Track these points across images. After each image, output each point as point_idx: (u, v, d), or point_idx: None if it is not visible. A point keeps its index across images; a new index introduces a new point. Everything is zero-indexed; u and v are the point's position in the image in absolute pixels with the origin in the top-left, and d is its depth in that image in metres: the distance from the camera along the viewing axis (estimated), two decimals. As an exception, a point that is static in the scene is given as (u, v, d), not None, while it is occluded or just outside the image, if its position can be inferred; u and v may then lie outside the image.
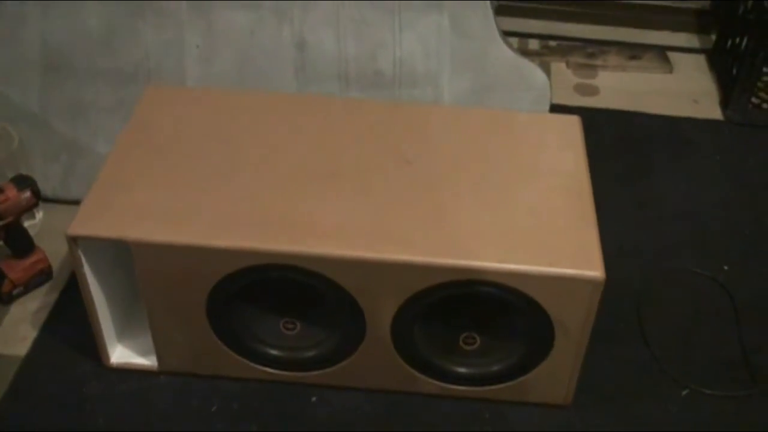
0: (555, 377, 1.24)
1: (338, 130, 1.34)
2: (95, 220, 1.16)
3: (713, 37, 2.15)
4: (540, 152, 1.31)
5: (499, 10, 1.61)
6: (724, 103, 1.94)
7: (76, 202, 1.21)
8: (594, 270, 1.11)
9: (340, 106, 1.41)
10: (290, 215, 1.17)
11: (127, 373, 1.30)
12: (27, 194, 1.35)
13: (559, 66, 2.07)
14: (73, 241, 1.15)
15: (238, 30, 1.57)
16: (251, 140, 1.30)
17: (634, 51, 2.12)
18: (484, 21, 1.58)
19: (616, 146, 1.82)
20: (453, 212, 1.19)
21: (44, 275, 1.44)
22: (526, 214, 1.20)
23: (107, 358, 1.30)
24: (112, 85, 1.57)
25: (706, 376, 1.34)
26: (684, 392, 1.32)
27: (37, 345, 1.35)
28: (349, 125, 1.35)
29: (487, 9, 1.57)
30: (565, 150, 1.31)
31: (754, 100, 1.91)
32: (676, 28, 2.21)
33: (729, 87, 1.94)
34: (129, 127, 1.32)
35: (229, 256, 1.14)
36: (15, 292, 1.41)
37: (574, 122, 1.37)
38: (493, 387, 1.26)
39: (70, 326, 1.36)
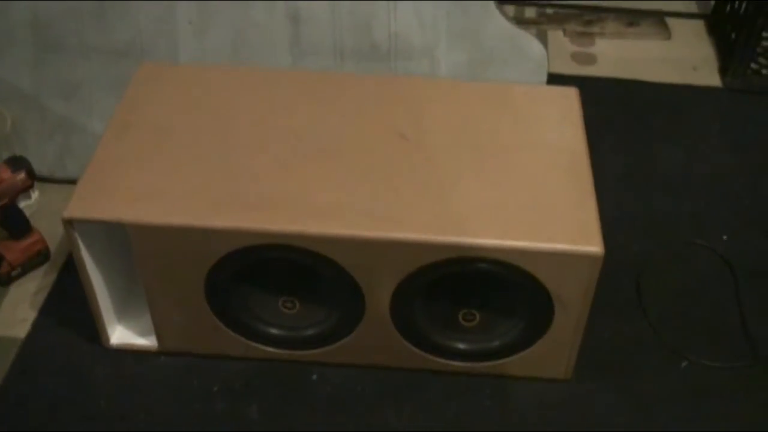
0: (555, 352, 1.24)
1: (333, 106, 1.32)
2: (91, 203, 1.15)
3: (712, 2, 2.12)
4: (538, 126, 1.30)
5: (496, -21, 1.59)
6: (723, 70, 1.93)
7: (72, 181, 1.20)
8: (593, 245, 1.11)
9: (335, 82, 1.39)
10: (287, 194, 1.17)
11: (127, 353, 1.30)
12: (22, 175, 1.34)
13: (556, 34, 2.05)
14: (69, 224, 1.14)
15: (231, 4, 1.54)
16: (246, 118, 1.29)
17: (631, 18, 2.09)
18: (479, -8, 1.56)
19: (615, 115, 1.80)
20: (450, 189, 1.18)
21: (41, 256, 1.44)
22: (524, 189, 1.19)
23: (107, 339, 1.30)
24: (105, 63, 1.55)
25: (705, 347, 1.34)
26: (683, 364, 1.32)
27: (37, 326, 1.35)
28: (344, 101, 1.33)
29: (483, -20, 1.55)
30: (563, 123, 1.30)
31: (753, 65, 1.89)
32: (674, -7, 2.18)
33: (728, 53, 1.92)
34: (122, 106, 1.31)
35: (226, 236, 1.13)
36: (13, 273, 1.41)
37: (572, 94, 1.36)
38: (493, 362, 1.26)
39: (70, 307, 1.35)
